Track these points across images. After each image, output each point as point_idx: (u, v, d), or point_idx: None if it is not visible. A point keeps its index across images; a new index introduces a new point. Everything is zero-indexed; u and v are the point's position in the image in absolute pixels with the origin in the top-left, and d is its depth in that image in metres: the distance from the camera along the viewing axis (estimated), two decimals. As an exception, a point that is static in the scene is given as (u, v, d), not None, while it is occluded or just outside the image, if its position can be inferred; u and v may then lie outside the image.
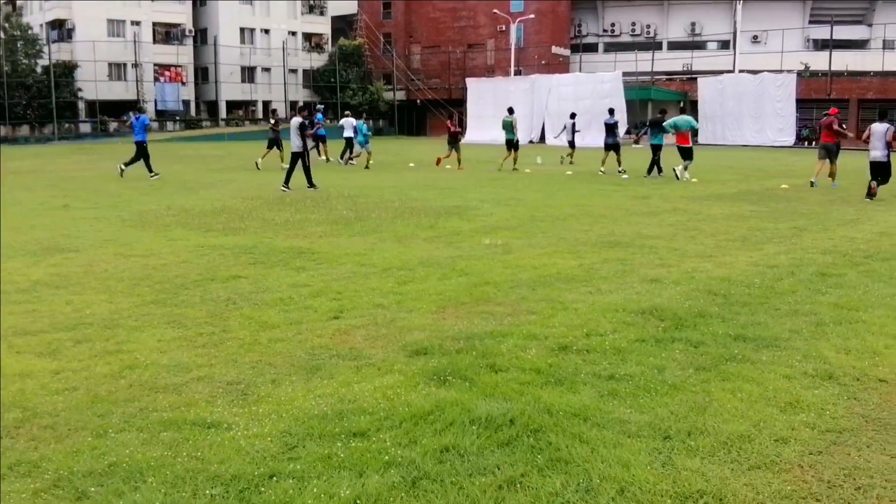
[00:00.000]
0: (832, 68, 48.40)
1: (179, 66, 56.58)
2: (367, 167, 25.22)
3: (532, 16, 58.80)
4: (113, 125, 52.26)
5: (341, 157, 27.39)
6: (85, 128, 51.44)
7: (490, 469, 3.52)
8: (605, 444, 3.79)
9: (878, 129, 15.94)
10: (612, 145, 23.65)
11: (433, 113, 59.31)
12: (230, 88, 58.74)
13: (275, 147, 25.30)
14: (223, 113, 58.78)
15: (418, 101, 62.23)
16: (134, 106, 39.34)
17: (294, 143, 17.56)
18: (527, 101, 49.05)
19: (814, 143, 45.97)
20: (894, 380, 4.81)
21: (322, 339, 5.61)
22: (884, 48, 54.40)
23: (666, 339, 5.58)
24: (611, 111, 25.59)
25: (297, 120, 17.83)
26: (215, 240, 10.15)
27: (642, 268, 8.27)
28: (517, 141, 25.06)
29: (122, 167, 20.81)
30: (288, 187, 17.12)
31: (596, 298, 6.85)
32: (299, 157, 17.39)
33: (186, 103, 57.78)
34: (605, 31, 66.48)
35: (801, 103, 46.91)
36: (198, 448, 3.76)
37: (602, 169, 23.10)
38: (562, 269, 8.13)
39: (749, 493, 3.35)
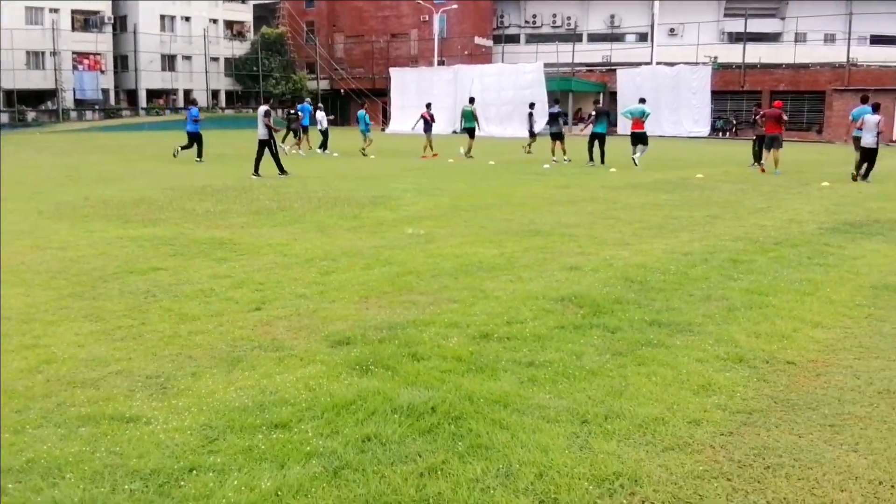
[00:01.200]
0: (746, 61, 49.96)
1: (98, 54, 54.75)
2: (364, 154, 26.22)
3: (455, 6, 58.91)
4: (31, 115, 50.30)
5: (321, 148, 28.01)
6: (2, 118, 49.33)
7: (411, 457, 3.55)
8: (524, 430, 3.86)
9: (871, 119, 18.11)
10: (556, 134, 24.09)
11: (357, 102, 58.92)
12: (150, 77, 57.18)
13: (294, 134, 27.04)
14: (143, 102, 57.20)
15: (342, 90, 61.70)
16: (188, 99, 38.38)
17: (260, 130, 18.19)
18: (450, 92, 49.22)
19: (726, 133, 47.51)
20: (802, 362, 5.02)
21: (243, 330, 5.54)
22: (795, 41, 56.44)
23: (584, 325, 5.70)
24: (555, 101, 26.56)
25: (263, 108, 18.58)
26: (134, 231, 9.89)
27: (562, 256, 8.42)
28: (474, 129, 26.03)
29: (178, 149, 23.27)
30: (258, 174, 17.74)
31: (517, 286, 6.94)
32: (266, 144, 18.04)
33: (105, 92, 55.96)
34: (526, 22, 67.11)
35: (716, 95, 48.38)
36: (116, 443, 3.68)
37: (554, 159, 23.55)
38: (483, 258, 8.22)
39: (663, 473, 3.46)
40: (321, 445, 3.63)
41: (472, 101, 27.05)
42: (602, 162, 22.18)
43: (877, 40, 55.49)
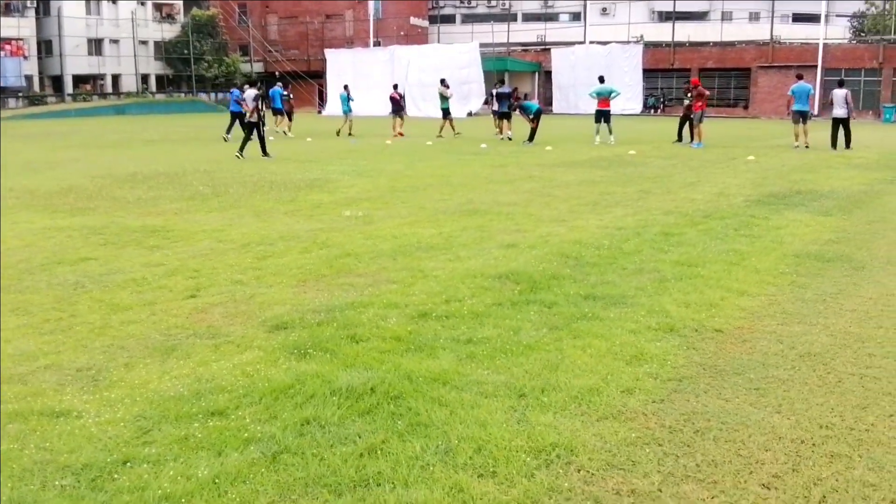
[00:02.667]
0: (675, 39, 50.77)
1: (21, 39, 52.44)
2: (350, 134, 26.93)
3: (389, -14, 58.45)
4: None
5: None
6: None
7: (351, 438, 3.56)
8: (463, 406, 3.90)
9: (839, 93, 20.19)
10: (504, 113, 24.65)
11: (292, 84, 58.13)
12: (76, 62, 55.18)
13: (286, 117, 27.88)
14: (69, 88, 55.22)
15: (277, 72, 60.71)
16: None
17: (249, 114, 19.04)
18: (386, 73, 48.83)
19: (657, 110, 48.30)
20: (729, 329, 5.19)
21: (178, 318, 5.46)
22: (722, 20, 57.58)
23: (521, 301, 5.77)
24: (501, 81, 27.01)
25: (252, 91, 19.61)
26: (62, 221, 9.61)
27: (499, 234, 8.49)
28: (448, 110, 26.69)
29: (226, 137, 24.36)
30: (268, 154, 18.56)
31: (455, 265, 6.99)
32: (255, 126, 18.75)
33: (29, 79, 53.83)
34: (462, 2, 66.98)
35: (647, 73, 49.10)
36: (46, 438, 3.60)
37: (509, 135, 24.26)
38: (422, 238, 8.24)
39: (598, 442, 3.55)
40: (259, 431, 3.62)
41: (443, 82, 27.47)
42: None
43: (799, 18, 56.93)
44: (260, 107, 19.06)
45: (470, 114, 42.82)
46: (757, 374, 4.39)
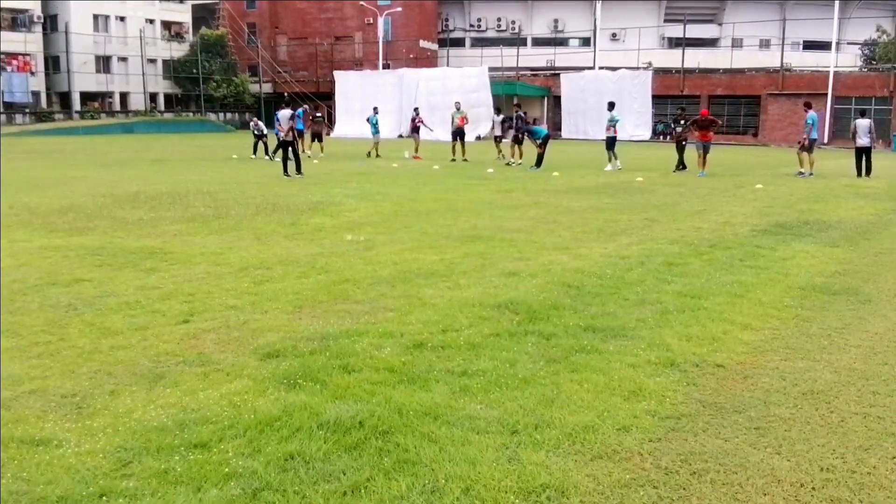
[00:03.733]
0: (685, 66, 50.91)
1: (28, 54, 53.05)
2: (378, 155, 27.49)
3: (399, 9, 58.86)
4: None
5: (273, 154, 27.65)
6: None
7: (335, 475, 3.44)
8: (453, 443, 3.78)
9: (863, 123, 21.12)
10: (516, 138, 24.92)
11: (301, 106, 58.46)
12: (84, 79, 55.69)
13: (316, 139, 27.69)
14: (77, 105, 55.64)
15: (286, 94, 61.08)
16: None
17: (284, 133, 19.61)
18: (395, 95, 49.17)
19: (666, 137, 48.32)
20: (731, 364, 5.06)
21: (169, 344, 5.36)
22: (732, 46, 57.85)
23: (519, 332, 5.65)
24: (518, 105, 27.37)
25: (287, 112, 20.08)
26: (60, 241, 9.55)
27: (501, 261, 8.38)
28: (458, 132, 26.81)
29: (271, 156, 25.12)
30: (301, 172, 19.17)
31: (454, 293, 6.88)
32: (290, 145, 19.42)
33: (36, 95, 54.28)
34: (471, 25, 67.45)
35: (656, 99, 49.19)
36: (23, 468, 3.50)
37: (519, 161, 24.46)
38: (422, 265, 8.14)
39: (590, 483, 3.42)
40: (241, 466, 3.51)
41: (457, 105, 27.85)
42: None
43: (809, 46, 57.09)
44: (294, 127, 19.58)
45: (479, 137, 42.89)
46: (758, 412, 4.26)
